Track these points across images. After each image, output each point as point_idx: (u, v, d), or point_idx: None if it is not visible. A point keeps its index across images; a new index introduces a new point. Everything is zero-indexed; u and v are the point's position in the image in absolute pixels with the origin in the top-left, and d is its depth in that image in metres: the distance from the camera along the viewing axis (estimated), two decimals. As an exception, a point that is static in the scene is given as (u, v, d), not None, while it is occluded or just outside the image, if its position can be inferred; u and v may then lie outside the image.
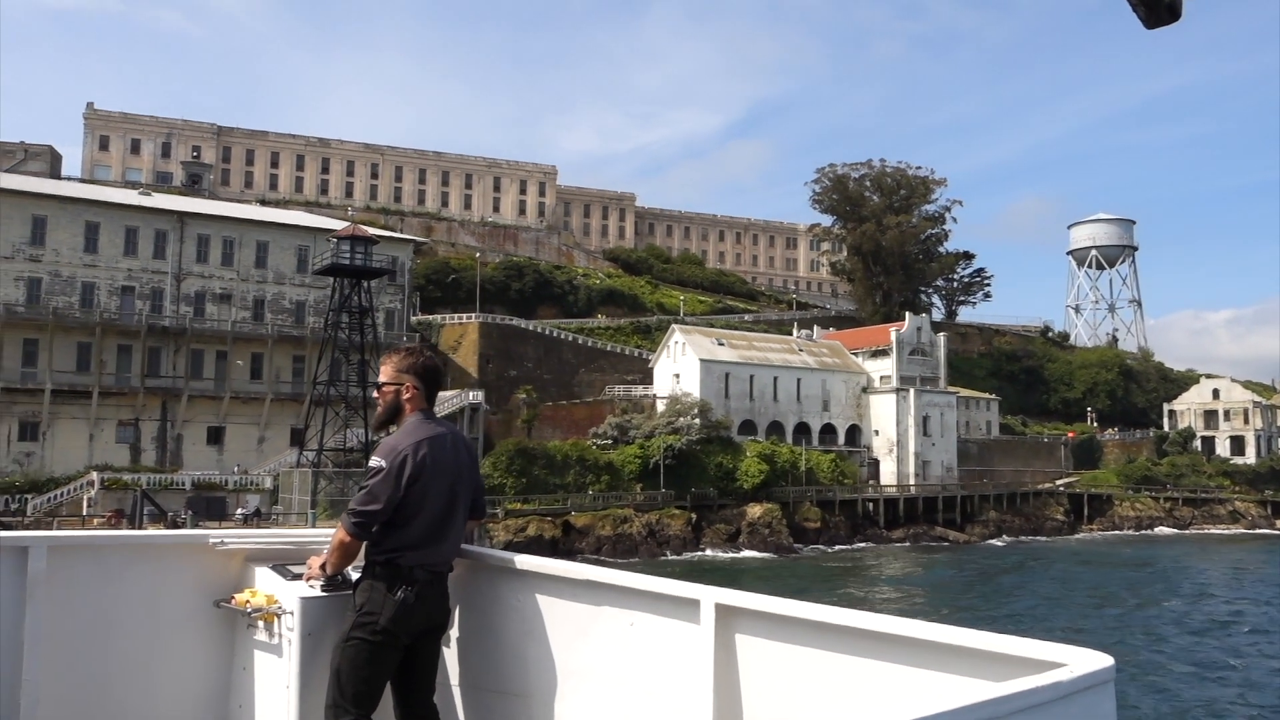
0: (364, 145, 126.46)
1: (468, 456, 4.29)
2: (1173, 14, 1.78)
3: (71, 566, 4.23)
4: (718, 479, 74.72)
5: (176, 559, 4.58)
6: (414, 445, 4.03)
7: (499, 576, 4.22)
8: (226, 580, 4.60)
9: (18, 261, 67.17)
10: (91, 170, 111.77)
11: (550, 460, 71.16)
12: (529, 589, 4.05)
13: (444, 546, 4.13)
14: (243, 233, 74.57)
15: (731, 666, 3.23)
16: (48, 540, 4.22)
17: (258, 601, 4.34)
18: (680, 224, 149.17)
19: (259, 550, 4.67)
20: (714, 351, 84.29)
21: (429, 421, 4.18)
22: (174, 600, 4.49)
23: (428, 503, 4.05)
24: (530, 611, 4.04)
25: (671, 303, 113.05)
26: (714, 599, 3.25)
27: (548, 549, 64.01)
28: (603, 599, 3.73)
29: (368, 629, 3.97)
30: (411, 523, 4.04)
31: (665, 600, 3.46)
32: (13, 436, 65.40)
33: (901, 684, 2.70)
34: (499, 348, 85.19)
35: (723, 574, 59.69)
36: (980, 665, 2.47)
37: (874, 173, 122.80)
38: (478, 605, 4.31)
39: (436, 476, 4.06)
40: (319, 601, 4.18)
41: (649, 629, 3.53)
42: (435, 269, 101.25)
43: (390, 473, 3.98)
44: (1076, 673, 2.18)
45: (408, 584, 4.01)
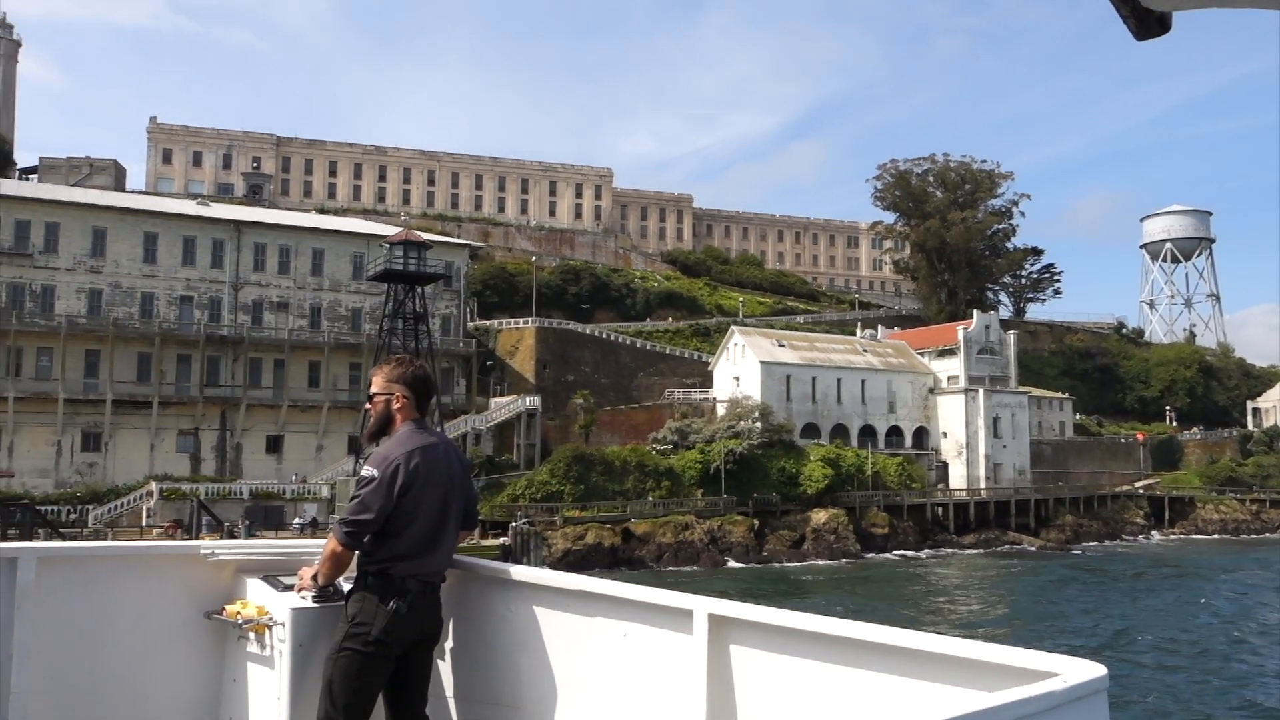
0: (420, 152, 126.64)
1: (460, 466, 4.26)
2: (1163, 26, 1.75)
3: (60, 578, 4.20)
4: (781, 484, 72.75)
5: (167, 570, 4.55)
6: (406, 455, 4.00)
7: (492, 587, 4.21)
8: (217, 591, 4.56)
9: (79, 273, 67.75)
10: (155, 183, 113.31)
11: (609, 466, 69.80)
12: (522, 599, 4.03)
13: (436, 557, 4.11)
14: (299, 241, 74.50)
15: (725, 677, 3.21)
16: (36, 551, 4.20)
17: (249, 613, 4.31)
18: (738, 225, 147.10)
19: (250, 561, 4.65)
20: (775, 353, 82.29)
21: (421, 431, 4.15)
22: (164, 611, 4.46)
23: (420, 513, 4.02)
24: (523, 622, 4.02)
25: (730, 304, 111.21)
26: (707, 609, 3.24)
27: (607, 557, 62.80)
28: (596, 609, 3.70)
29: (360, 640, 3.94)
30: (404, 533, 4.01)
31: (658, 611, 3.44)
32: (76, 447, 65.87)
33: (895, 695, 2.67)
34: (556, 352, 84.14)
35: (788, 583, 57.83)
36: (974, 675, 2.45)
37: (937, 168, 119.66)
38: (471, 616, 4.30)
39: (429, 486, 4.04)
40: (310, 613, 4.14)
41: (642, 640, 3.51)
42: (492, 274, 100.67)
43: (382, 482, 3.96)
44: (1069, 682, 2.17)
45: (400, 595, 3.99)
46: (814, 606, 46.88)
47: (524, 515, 60.29)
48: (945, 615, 45.53)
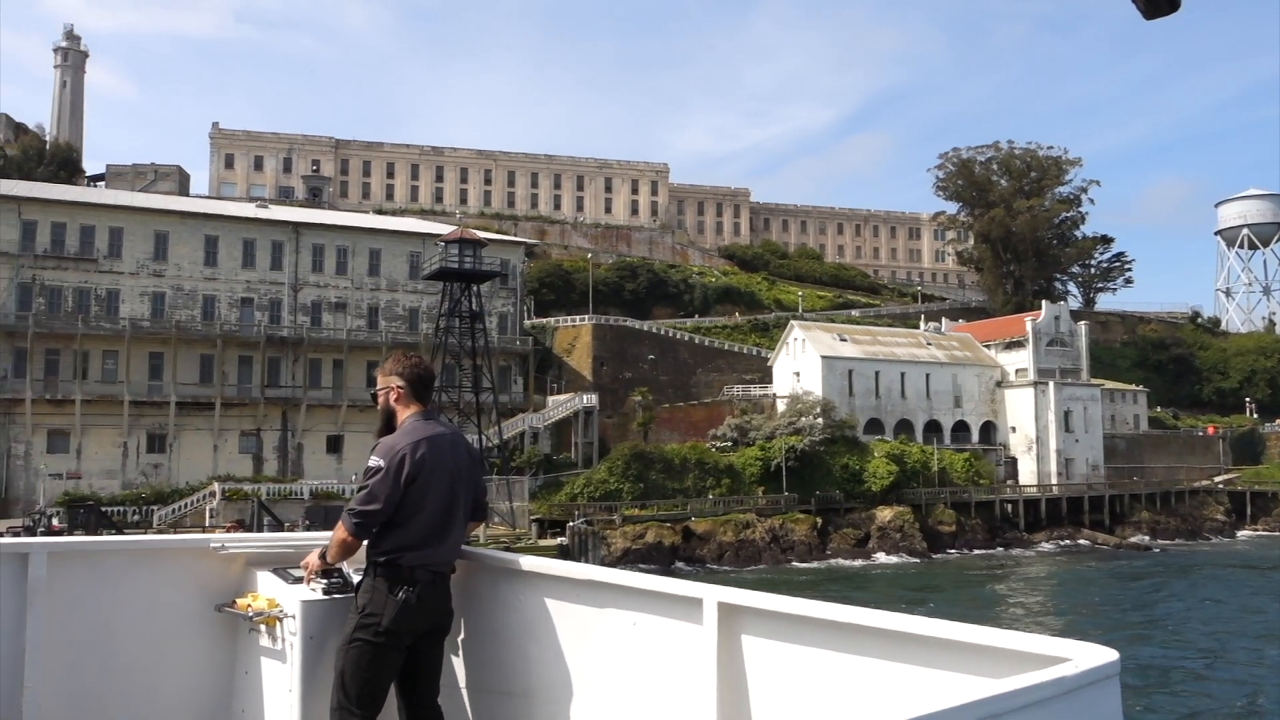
0: (477, 152, 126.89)
1: (468, 457, 4.28)
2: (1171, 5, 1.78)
3: (72, 572, 4.24)
4: (844, 481, 71.14)
5: (177, 563, 4.58)
6: (412, 445, 4.02)
7: (502, 577, 4.23)
8: (228, 584, 4.57)
9: (142, 277, 68.64)
10: (218, 188, 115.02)
11: (668, 464, 68.84)
12: (532, 589, 4.04)
13: (445, 547, 4.12)
14: (356, 241, 74.74)
15: (735, 665, 3.21)
16: (48, 546, 4.22)
17: (259, 605, 4.31)
18: (797, 218, 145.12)
19: (260, 554, 4.66)
20: (836, 347, 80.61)
21: (428, 422, 4.18)
22: (175, 605, 4.48)
23: (427, 503, 4.04)
24: (533, 612, 4.02)
25: (790, 299, 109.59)
26: (716, 598, 3.24)
27: (668, 556, 61.88)
28: (605, 599, 3.70)
29: (370, 630, 3.95)
30: (411, 523, 4.02)
31: (668, 600, 3.43)
32: (141, 449, 66.75)
33: (906, 681, 2.67)
34: (613, 349, 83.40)
35: (853, 581, 56.38)
36: (986, 661, 2.46)
37: (1001, 155, 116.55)
38: (481, 606, 4.33)
39: (435, 476, 4.05)
40: (320, 605, 4.14)
41: (652, 629, 3.50)
42: (548, 272, 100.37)
43: (389, 472, 3.97)
44: (1081, 667, 2.17)
45: (409, 585, 4.00)
46: (883, 607, 45.49)
47: (582, 514, 59.61)
48: (1019, 616, 43.82)
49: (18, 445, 64.42)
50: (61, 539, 4.93)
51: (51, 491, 60.71)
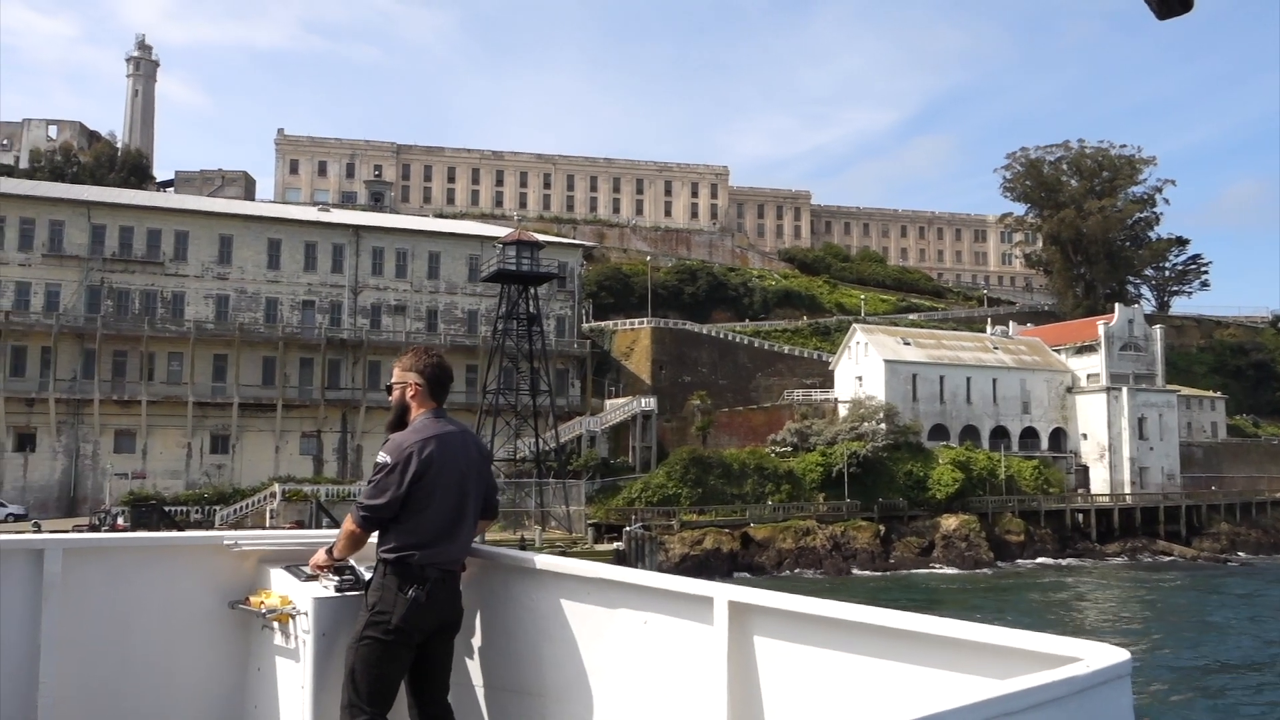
0: (536, 155, 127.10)
1: (478, 455, 4.29)
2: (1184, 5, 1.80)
3: (87, 569, 4.26)
4: (907, 488, 69.44)
5: (191, 560, 4.59)
6: (420, 442, 4.04)
7: (513, 576, 4.24)
8: (241, 581, 4.59)
9: (207, 280, 69.57)
10: (283, 193, 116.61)
11: (727, 469, 67.82)
12: (543, 588, 4.04)
13: (454, 545, 4.13)
14: (415, 244, 75.00)
15: (747, 665, 3.21)
16: (63, 543, 4.24)
17: (272, 602, 4.32)
18: (859, 220, 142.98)
19: (273, 551, 4.68)
20: (899, 351, 78.88)
21: (438, 420, 4.21)
22: (189, 602, 4.50)
23: (436, 500, 4.05)
24: (544, 610, 4.03)
25: (851, 302, 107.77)
26: (727, 597, 3.24)
27: (726, 562, 60.92)
28: (616, 598, 3.70)
29: (380, 628, 3.97)
30: (420, 520, 4.03)
31: (678, 598, 3.44)
32: (205, 449, 67.57)
33: (917, 681, 2.67)
34: (672, 353, 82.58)
35: (916, 591, 54.87)
36: (997, 661, 2.46)
37: (1071, 155, 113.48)
38: (492, 604, 4.34)
39: (444, 473, 4.05)
40: (333, 602, 4.16)
41: (663, 628, 3.51)
42: (607, 275, 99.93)
43: (396, 468, 3.99)
44: (1092, 667, 2.17)
45: (419, 583, 4.01)
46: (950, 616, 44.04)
47: (639, 519, 58.88)
48: (1094, 628, 42.05)
49: (86, 445, 65.61)
50: (76, 535, 4.82)
51: (118, 491, 61.72)
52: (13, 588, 4.07)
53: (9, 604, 4.05)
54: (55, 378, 64.48)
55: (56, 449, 65.16)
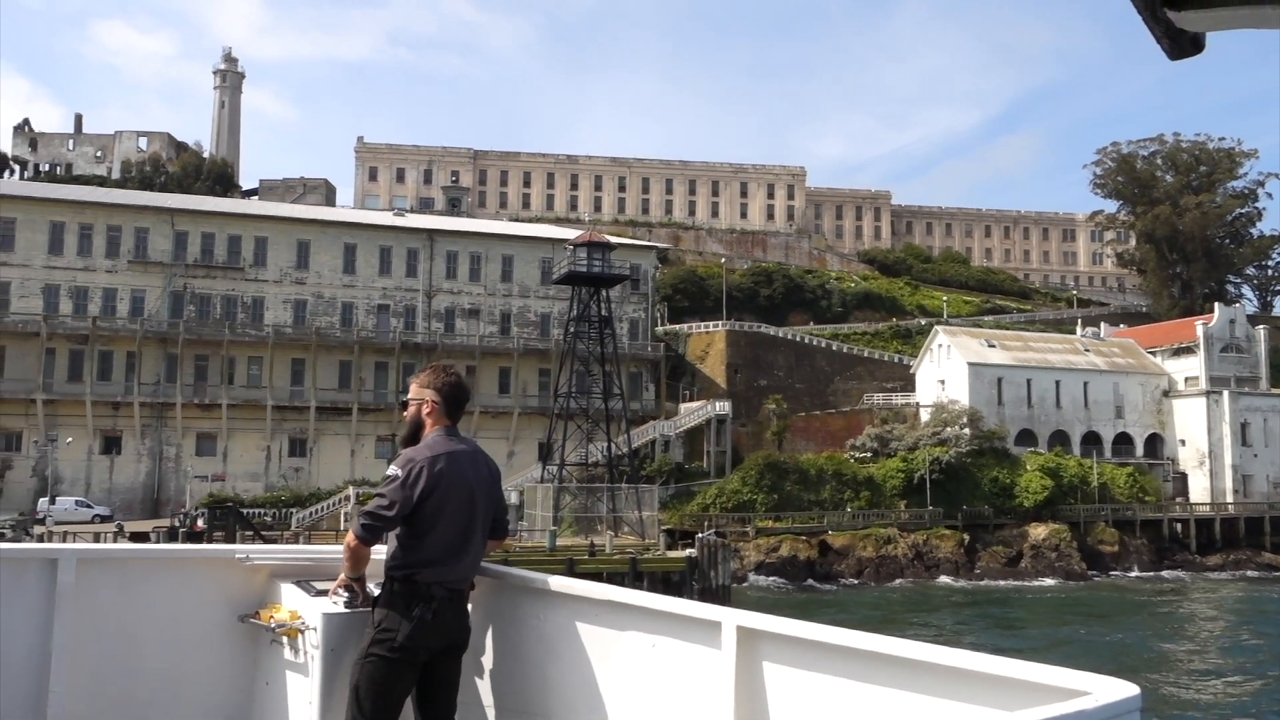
0: (611, 159, 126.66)
1: (488, 474, 4.27)
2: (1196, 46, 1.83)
3: (99, 579, 4.28)
4: (993, 495, 66.89)
5: (203, 573, 4.63)
6: (430, 459, 4.06)
7: (521, 596, 4.23)
8: (251, 595, 4.60)
9: (285, 285, 70.39)
10: (362, 200, 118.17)
11: (804, 475, 66.16)
12: (551, 609, 4.05)
13: (462, 564, 4.14)
14: (488, 247, 74.95)
15: (755, 691, 3.19)
16: (77, 553, 4.31)
17: (281, 617, 4.35)
18: (941, 221, 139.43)
19: (283, 566, 4.69)
20: (983, 354, 76.20)
21: (450, 438, 4.21)
22: (200, 614, 4.52)
23: (444, 518, 4.06)
24: (552, 631, 4.03)
25: (933, 304, 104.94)
26: (735, 621, 3.22)
27: (803, 571, 59.48)
28: (625, 620, 3.71)
29: (385, 646, 3.98)
30: (428, 539, 4.05)
31: (686, 622, 3.44)
32: (283, 452, 68.30)
33: (926, 711, 2.67)
34: (747, 356, 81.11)
35: (1002, 603, 52.64)
36: (1006, 693, 2.47)
37: (1166, 149, 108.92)
38: (499, 624, 4.34)
39: (453, 491, 4.07)
40: (342, 618, 4.16)
41: (671, 652, 3.51)
42: (682, 278, 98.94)
43: (404, 481, 4.00)
44: (1101, 701, 2.19)
45: (425, 602, 4.02)
46: (1042, 636, 41.86)
47: (714, 525, 57.61)
48: (1200, 649, 39.51)
49: (169, 448, 66.82)
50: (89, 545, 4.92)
51: (198, 493, 62.68)
52: (26, 596, 4.12)
53: (23, 612, 4.10)
54: (140, 382, 65.79)
55: (141, 452, 66.49)
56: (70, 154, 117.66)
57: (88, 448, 65.27)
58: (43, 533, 50.34)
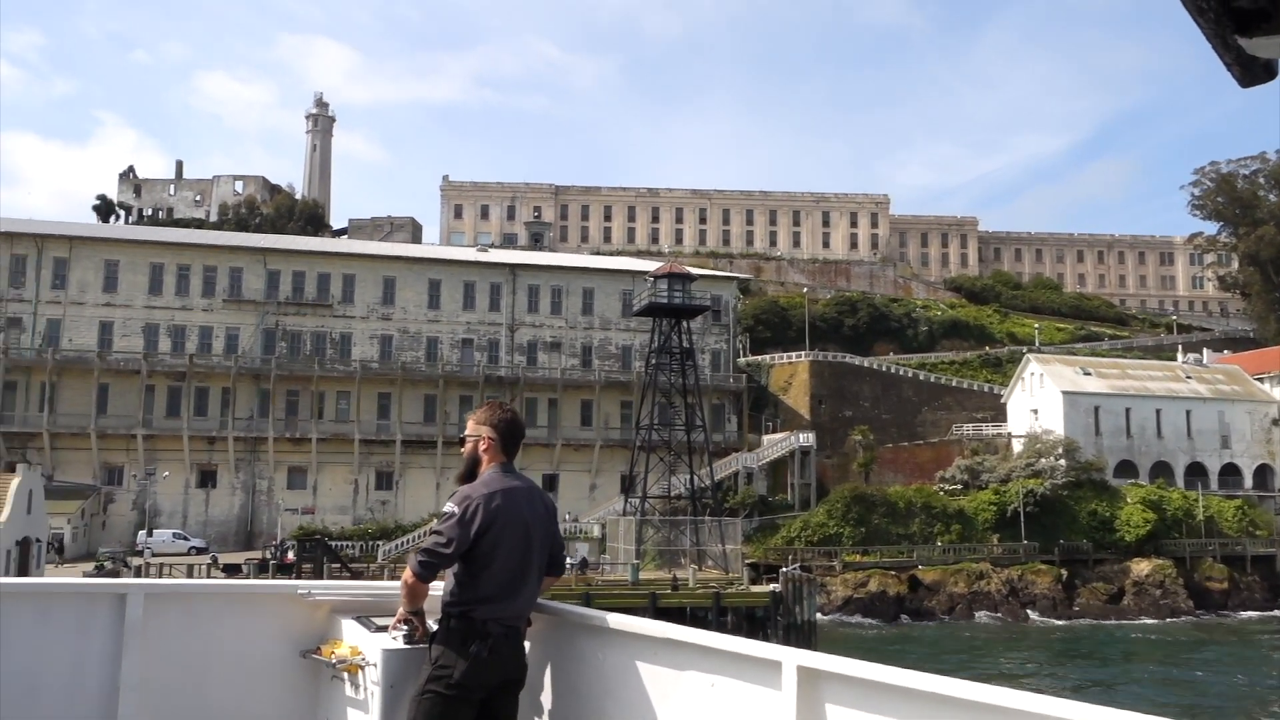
0: (691, 191, 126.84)
1: (544, 510, 4.29)
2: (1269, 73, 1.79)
3: (166, 614, 4.38)
4: (1091, 529, 64.32)
5: (266, 608, 4.71)
6: (486, 495, 4.08)
7: (579, 633, 4.24)
8: (313, 631, 4.67)
9: (372, 320, 71.80)
10: (447, 237, 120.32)
11: (891, 507, 64.59)
12: (609, 646, 4.03)
13: (518, 601, 4.14)
14: (569, 281, 75.42)
15: None
16: (145, 588, 4.39)
17: (342, 653, 4.39)
18: (1030, 246, 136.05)
19: (344, 602, 4.73)
20: (1078, 382, 73.69)
21: (506, 475, 4.22)
22: (263, 649, 4.59)
23: (499, 555, 4.07)
24: (610, 669, 4.01)
25: (1024, 332, 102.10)
26: (796, 661, 3.13)
27: (892, 606, 57.93)
28: (684, 658, 3.66)
29: (442, 683, 4.00)
30: (484, 575, 4.06)
31: (746, 661, 3.36)
32: (370, 486, 69.32)
33: None
34: (831, 387, 79.83)
35: (1105, 642, 50.37)
36: None
37: (1269, 167, 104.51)
38: (557, 661, 4.34)
39: (509, 528, 4.08)
40: (401, 654, 4.18)
41: (730, 692, 3.42)
42: (764, 309, 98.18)
43: (461, 519, 4.04)
44: None
45: (481, 638, 4.03)
46: (1151, 678, 39.80)
47: (799, 559, 56.49)
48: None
49: (262, 481, 68.38)
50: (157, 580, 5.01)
51: (289, 525, 63.87)
52: (96, 630, 4.21)
53: (92, 645, 4.20)
54: (234, 417, 67.56)
55: (235, 485, 68.15)
56: (171, 199, 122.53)
57: (185, 481, 67.17)
58: (140, 565, 51.76)
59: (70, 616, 4.24)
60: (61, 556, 55.44)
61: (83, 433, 65.33)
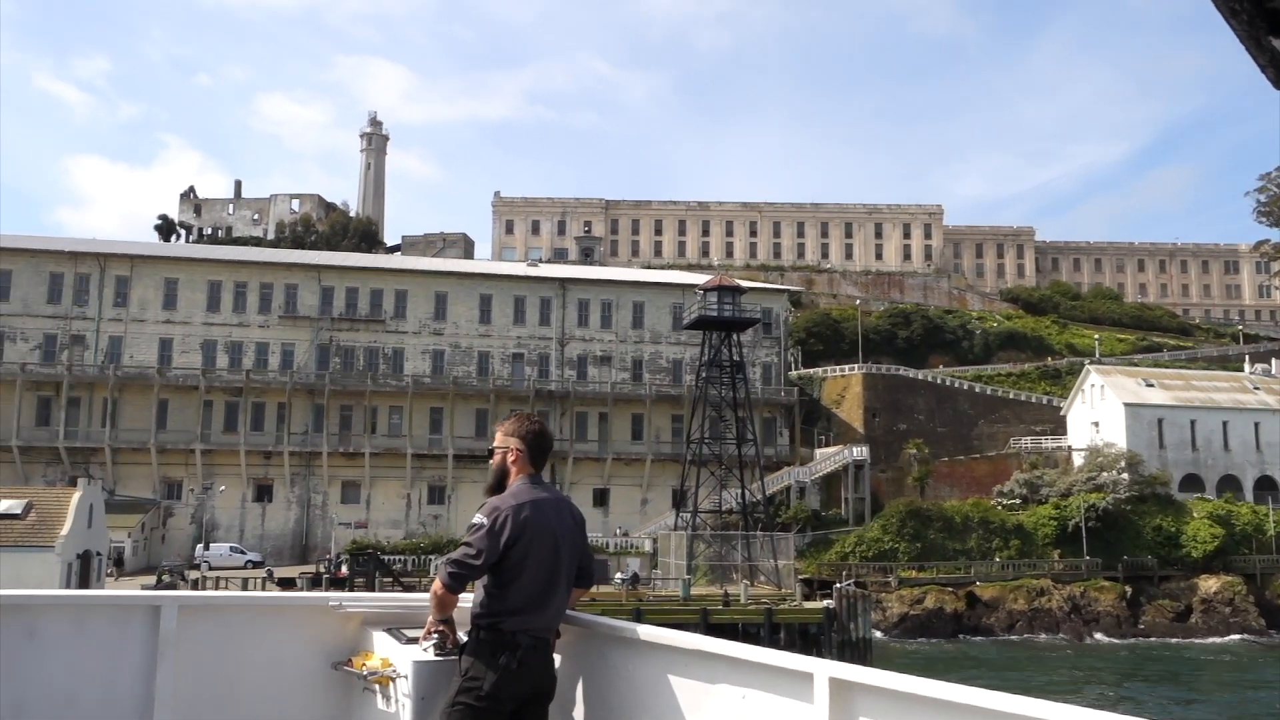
0: (742, 204, 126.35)
1: (573, 522, 4.28)
2: None
3: (200, 626, 4.40)
4: (1156, 545, 62.50)
5: (298, 620, 4.71)
6: (515, 507, 4.09)
7: (609, 645, 4.23)
8: (344, 643, 4.68)
9: (424, 336, 72.32)
10: (499, 252, 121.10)
11: (948, 522, 63.38)
12: (640, 658, 4.01)
13: (547, 612, 4.14)
14: (619, 295, 75.36)
15: None
16: (178, 600, 4.44)
17: (373, 664, 4.41)
18: (1089, 256, 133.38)
19: (375, 614, 4.76)
20: (1141, 394, 71.82)
21: (535, 486, 4.24)
22: (295, 661, 4.61)
23: (529, 567, 4.06)
24: (641, 681, 3.99)
25: (1084, 343, 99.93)
26: (828, 673, 3.08)
27: (950, 623, 56.80)
28: (715, 670, 3.63)
29: (472, 694, 3.99)
30: (513, 587, 4.06)
31: (776, 673, 3.33)
32: (423, 500, 69.67)
33: None
34: (885, 400, 78.69)
35: (1173, 661, 48.81)
36: None
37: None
38: (588, 674, 4.33)
39: (538, 540, 4.07)
40: (432, 666, 4.17)
41: (761, 704, 3.40)
42: (816, 321, 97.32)
43: (490, 530, 4.04)
44: None
45: (510, 650, 4.02)
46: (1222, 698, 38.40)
47: (853, 575, 55.59)
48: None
49: (316, 495, 69.06)
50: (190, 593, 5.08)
51: (343, 540, 64.41)
52: (131, 642, 4.26)
53: (127, 657, 4.24)
54: (290, 432, 68.37)
55: (290, 499, 68.91)
56: (230, 217, 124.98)
57: (241, 495, 68.06)
58: (197, 578, 52.46)
59: (106, 628, 4.29)
60: (121, 570, 56.39)
61: (143, 447, 66.54)
